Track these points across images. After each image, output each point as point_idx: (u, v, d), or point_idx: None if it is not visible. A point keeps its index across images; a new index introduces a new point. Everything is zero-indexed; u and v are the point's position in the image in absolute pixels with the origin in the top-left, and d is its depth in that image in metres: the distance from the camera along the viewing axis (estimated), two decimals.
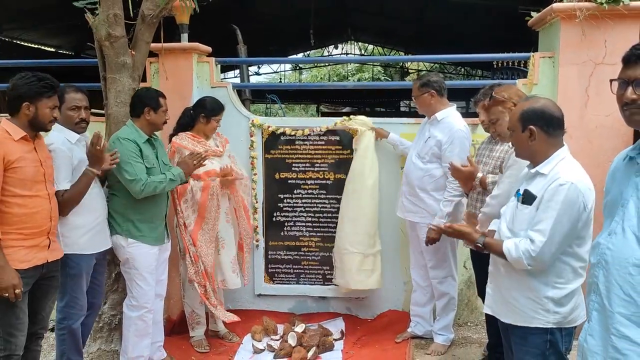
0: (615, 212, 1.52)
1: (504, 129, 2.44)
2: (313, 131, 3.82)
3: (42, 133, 2.49)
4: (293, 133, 3.85)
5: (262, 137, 3.88)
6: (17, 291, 2.22)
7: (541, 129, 1.92)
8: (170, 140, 3.37)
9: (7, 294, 2.20)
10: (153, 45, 3.34)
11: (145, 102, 2.91)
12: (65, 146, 2.62)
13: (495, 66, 4.73)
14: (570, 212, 1.83)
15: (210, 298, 3.34)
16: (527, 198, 1.94)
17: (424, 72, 16.19)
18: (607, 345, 1.47)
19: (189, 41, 3.88)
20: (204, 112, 3.34)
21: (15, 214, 2.27)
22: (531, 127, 1.93)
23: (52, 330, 3.03)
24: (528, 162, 2.05)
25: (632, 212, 1.44)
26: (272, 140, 3.89)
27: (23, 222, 2.29)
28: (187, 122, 3.41)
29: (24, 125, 2.34)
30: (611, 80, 1.56)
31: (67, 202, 2.58)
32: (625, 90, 1.49)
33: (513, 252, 1.91)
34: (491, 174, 2.86)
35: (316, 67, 21.07)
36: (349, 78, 20.54)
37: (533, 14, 3.64)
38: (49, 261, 2.41)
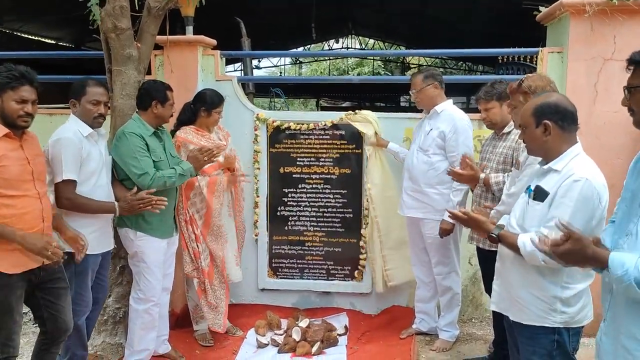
0: (635, 211, 1.49)
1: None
2: (318, 125, 3.80)
3: (55, 123, 2.43)
4: (298, 127, 3.82)
5: (267, 131, 3.86)
6: (52, 249, 2.19)
7: (556, 123, 1.89)
8: (173, 136, 3.34)
9: (48, 253, 2.18)
10: (158, 37, 3.32)
11: (153, 95, 2.88)
12: (77, 137, 2.58)
13: (500, 61, 4.69)
14: (585, 208, 1.80)
15: (209, 296, 3.31)
16: (539, 194, 1.91)
17: (424, 67, 16.14)
18: (618, 344, 1.46)
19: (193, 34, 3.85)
20: (205, 106, 3.30)
21: (3, 215, 2.15)
22: (546, 121, 1.89)
23: None
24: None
25: None
26: (277, 134, 3.86)
27: (12, 223, 2.17)
28: (188, 117, 3.36)
29: (2, 122, 2.20)
30: None
31: (73, 204, 2.54)
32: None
33: (528, 246, 1.86)
34: (494, 173, 2.85)
35: (316, 61, 20.99)
36: (349, 72, 20.46)
37: (542, 8, 3.61)
38: (45, 263, 2.31)
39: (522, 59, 4.29)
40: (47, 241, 2.20)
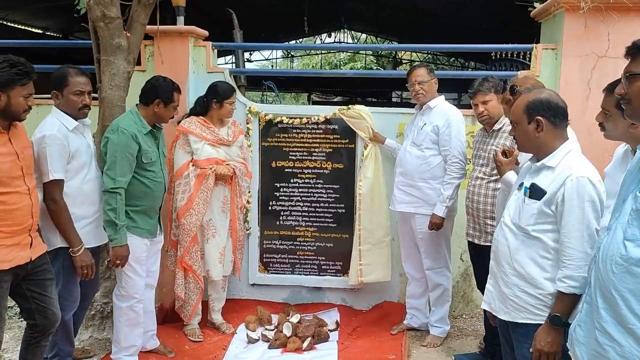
0: (619, 206, 1.49)
1: None
2: (311, 120, 3.76)
3: (41, 114, 2.36)
4: (290, 121, 3.78)
5: (259, 124, 3.81)
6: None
7: (548, 119, 1.89)
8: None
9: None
10: (148, 27, 3.24)
11: (158, 93, 2.79)
12: (61, 133, 2.49)
13: (493, 57, 4.67)
14: (594, 205, 1.80)
15: (177, 285, 3.32)
16: (535, 192, 1.90)
17: (416, 62, 16.14)
18: (592, 338, 1.47)
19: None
20: (216, 97, 3.30)
21: None
22: (538, 118, 1.89)
23: None
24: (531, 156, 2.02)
25: (627, 209, 1.41)
26: (269, 128, 3.82)
27: (2, 219, 2.12)
28: (200, 111, 3.36)
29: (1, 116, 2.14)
30: None
31: (56, 208, 2.46)
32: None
33: (572, 282, 1.80)
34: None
35: (308, 55, 20.90)
36: (341, 67, 20.39)
37: (536, 4, 3.60)
38: (32, 259, 2.28)
39: (515, 55, 4.28)
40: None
